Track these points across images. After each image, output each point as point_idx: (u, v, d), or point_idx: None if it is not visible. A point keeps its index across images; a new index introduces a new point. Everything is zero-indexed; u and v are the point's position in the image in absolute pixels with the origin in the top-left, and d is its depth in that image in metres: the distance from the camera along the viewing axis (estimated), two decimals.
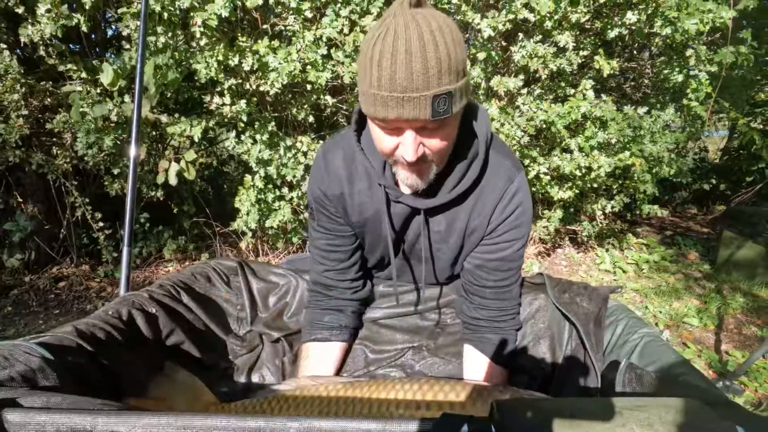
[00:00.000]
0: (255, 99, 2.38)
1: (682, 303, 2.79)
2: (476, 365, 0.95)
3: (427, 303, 1.13)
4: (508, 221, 0.89)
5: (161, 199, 2.72)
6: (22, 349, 0.67)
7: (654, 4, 2.15)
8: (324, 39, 2.12)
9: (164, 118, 2.30)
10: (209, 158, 3.45)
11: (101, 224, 2.61)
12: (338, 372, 1.06)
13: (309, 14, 2.09)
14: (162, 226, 3.28)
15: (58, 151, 2.39)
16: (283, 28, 2.23)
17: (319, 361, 1.01)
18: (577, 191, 2.80)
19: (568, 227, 3.52)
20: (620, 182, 2.94)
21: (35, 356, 0.67)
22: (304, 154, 2.48)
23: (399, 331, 1.13)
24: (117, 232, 2.88)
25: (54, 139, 2.49)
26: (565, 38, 2.25)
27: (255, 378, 1.05)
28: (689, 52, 2.42)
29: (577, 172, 2.57)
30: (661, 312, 2.69)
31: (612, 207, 3.06)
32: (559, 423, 0.43)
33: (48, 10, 1.91)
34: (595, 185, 2.80)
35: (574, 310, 0.97)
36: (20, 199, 2.75)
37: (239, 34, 2.21)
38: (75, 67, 2.20)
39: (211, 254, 3.21)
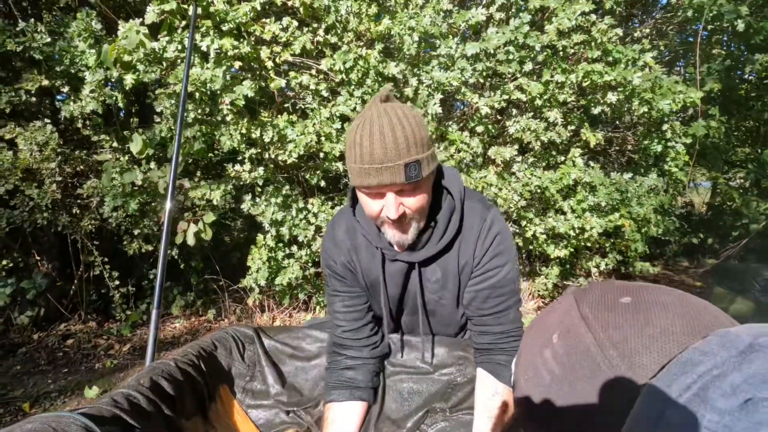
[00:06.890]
0: (272, 166, 2.57)
1: None
2: (485, 386, 1.03)
3: (437, 359, 1.18)
4: (491, 250, 1.01)
5: (175, 257, 2.83)
6: (67, 420, 0.71)
7: (631, 87, 2.43)
8: (338, 115, 2.35)
9: (186, 183, 2.47)
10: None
11: (117, 282, 2.69)
12: None
13: (325, 93, 2.33)
14: (170, 282, 3.35)
15: (84, 213, 2.53)
16: (302, 106, 2.47)
17: (335, 422, 1.06)
18: (572, 249, 2.95)
19: (566, 283, 3.64)
20: (612, 241, 3.11)
21: (79, 426, 0.70)
22: (315, 215, 2.64)
23: (411, 394, 1.16)
24: (128, 290, 2.95)
25: (78, 201, 2.64)
26: (554, 114, 2.50)
27: None
28: (665, 126, 2.68)
29: (571, 232, 2.74)
30: None
31: (606, 264, 3.20)
32: None
33: (92, 91, 2.13)
34: (589, 244, 2.96)
35: None
36: (37, 257, 2.85)
37: (261, 109, 2.44)
38: (108, 138, 2.40)
39: (218, 310, 3.26)
